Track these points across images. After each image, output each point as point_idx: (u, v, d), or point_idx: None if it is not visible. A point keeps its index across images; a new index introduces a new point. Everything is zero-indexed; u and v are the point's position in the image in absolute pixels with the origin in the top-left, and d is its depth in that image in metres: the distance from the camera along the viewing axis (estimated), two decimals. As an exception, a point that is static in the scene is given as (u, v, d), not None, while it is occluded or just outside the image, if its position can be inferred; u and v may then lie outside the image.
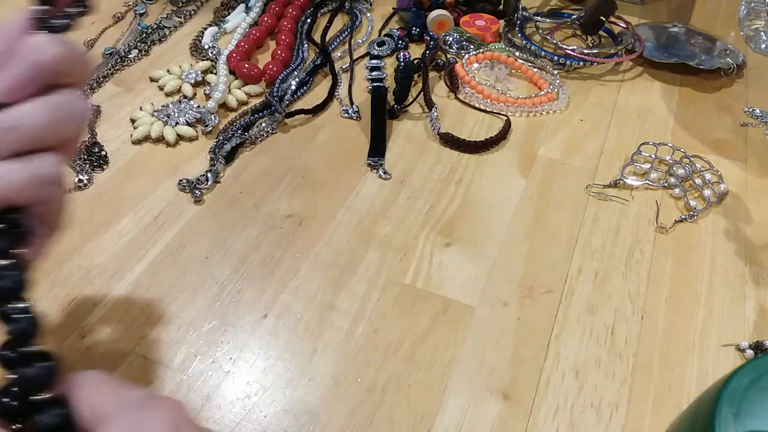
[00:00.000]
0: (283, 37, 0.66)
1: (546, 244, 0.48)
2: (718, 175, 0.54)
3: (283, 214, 0.50)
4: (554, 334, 0.43)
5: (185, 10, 0.72)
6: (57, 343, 0.40)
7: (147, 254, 0.46)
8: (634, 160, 0.55)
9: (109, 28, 0.68)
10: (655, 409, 0.39)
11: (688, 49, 0.67)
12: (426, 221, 0.50)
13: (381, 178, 0.53)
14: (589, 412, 0.39)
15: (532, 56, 0.66)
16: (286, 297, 0.44)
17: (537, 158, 0.56)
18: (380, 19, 0.72)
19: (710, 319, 0.44)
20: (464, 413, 0.38)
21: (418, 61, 0.63)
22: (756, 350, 0.42)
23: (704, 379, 0.40)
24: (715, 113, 0.61)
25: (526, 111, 0.60)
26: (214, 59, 0.64)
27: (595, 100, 0.62)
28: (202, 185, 0.51)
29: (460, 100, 0.61)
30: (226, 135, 0.56)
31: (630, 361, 0.41)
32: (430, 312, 0.44)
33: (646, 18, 0.73)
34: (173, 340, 0.41)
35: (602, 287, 0.46)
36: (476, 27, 0.69)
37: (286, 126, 0.58)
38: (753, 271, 0.47)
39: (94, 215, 0.49)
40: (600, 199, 0.52)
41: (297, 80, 0.61)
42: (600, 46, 0.69)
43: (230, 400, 0.38)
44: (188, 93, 0.60)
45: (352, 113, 0.59)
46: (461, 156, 0.56)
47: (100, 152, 0.54)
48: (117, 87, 0.61)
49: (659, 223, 0.50)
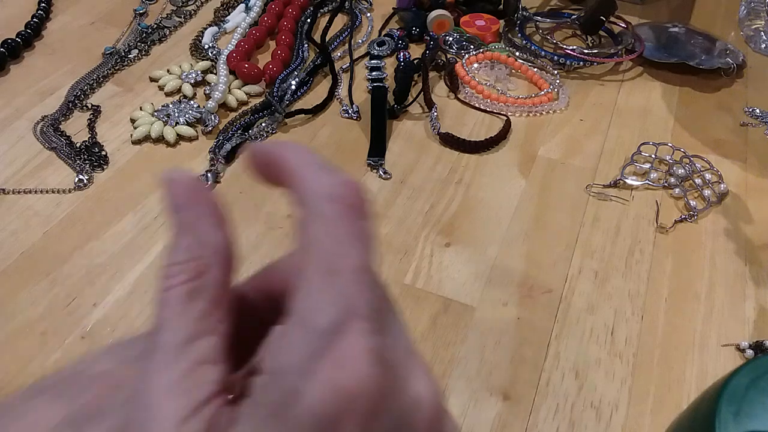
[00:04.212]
0: (283, 37, 0.66)
1: (546, 244, 0.48)
2: (718, 175, 0.54)
3: (283, 214, 0.50)
4: (554, 334, 0.43)
5: (185, 10, 0.72)
6: (57, 343, 0.41)
7: (147, 254, 0.46)
8: (634, 160, 0.55)
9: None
10: (655, 409, 0.39)
11: (688, 49, 0.67)
12: (426, 221, 0.50)
13: (381, 178, 0.53)
14: (589, 412, 0.39)
15: (532, 56, 0.66)
16: (286, 297, 0.44)
17: (537, 158, 0.56)
18: (380, 19, 0.72)
19: (710, 319, 0.44)
20: (464, 413, 0.38)
21: (418, 61, 0.63)
22: (756, 350, 0.42)
23: (704, 379, 0.40)
24: (715, 113, 0.61)
25: (526, 111, 0.60)
26: (214, 59, 0.64)
27: (595, 100, 0.62)
28: (202, 185, 0.51)
29: (460, 100, 0.61)
30: (226, 135, 0.56)
31: (630, 361, 0.41)
32: (430, 312, 0.44)
33: (646, 18, 0.73)
34: (173, 340, 0.41)
35: (602, 287, 0.46)
36: (476, 27, 0.69)
37: (286, 126, 0.58)
38: (753, 271, 0.47)
39: (94, 215, 0.49)
40: (600, 199, 0.52)
41: (297, 80, 0.61)
42: (600, 46, 0.69)
43: (230, 400, 0.38)
44: (188, 93, 0.60)
45: (352, 113, 0.59)
46: (461, 156, 0.55)
47: (100, 152, 0.54)
48: (117, 87, 0.61)
49: (659, 223, 0.50)
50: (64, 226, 0.48)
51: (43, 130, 0.56)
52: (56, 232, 0.48)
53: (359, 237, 0.17)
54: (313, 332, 0.16)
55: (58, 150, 0.54)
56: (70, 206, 0.50)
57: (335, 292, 0.16)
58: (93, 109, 0.58)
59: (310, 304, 0.16)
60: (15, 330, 0.41)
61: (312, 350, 0.16)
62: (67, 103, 0.58)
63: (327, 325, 0.16)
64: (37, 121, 0.56)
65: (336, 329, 0.16)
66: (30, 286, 0.44)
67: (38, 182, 0.51)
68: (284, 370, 0.16)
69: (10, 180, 0.51)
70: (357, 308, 0.16)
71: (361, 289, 0.16)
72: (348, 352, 0.16)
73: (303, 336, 0.16)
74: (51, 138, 0.55)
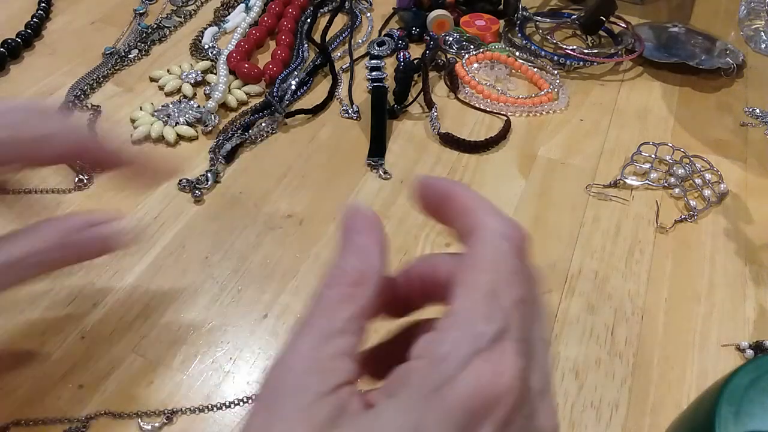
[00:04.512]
0: (283, 37, 0.66)
1: (546, 244, 0.48)
2: (718, 175, 0.54)
3: (283, 214, 0.50)
4: (554, 334, 0.43)
5: (185, 10, 0.72)
6: (57, 343, 0.41)
7: (147, 254, 0.46)
8: (634, 160, 0.55)
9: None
10: (655, 409, 0.39)
11: (688, 49, 0.67)
12: (426, 221, 0.50)
13: (381, 178, 0.53)
14: (589, 411, 0.39)
15: (532, 56, 0.66)
16: (286, 297, 0.44)
17: (537, 158, 0.56)
18: (380, 19, 0.72)
19: (710, 318, 0.44)
20: (464, 413, 0.38)
21: (418, 61, 0.63)
22: (756, 350, 0.42)
23: (704, 379, 0.40)
24: (715, 113, 0.61)
25: (526, 111, 0.60)
26: (214, 59, 0.64)
27: (595, 100, 0.62)
28: (202, 185, 0.51)
29: (460, 100, 0.61)
30: (226, 135, 0.56)
31: (630, 361, 0.41)
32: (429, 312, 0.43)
33: (646, 18, 0.73)
34: (173, 340, 0.41)
35: (602, 287, 0.46)
36: (476, 27, 0.69)
37: (286, 126, 0.58)
38: (753, 271, 0.47)
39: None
40: (600, 199, 0.52)
41: (297, 80, 0.61)
42: (600, 46, 0.69)
43: (230, 400, 0.38)
44: (188, 93, 0.60)
45: (352, 113, 0.59)
46: (461, 156, 0.56)
47: (100, 152, 0.54)
48: (117, 87, 0.61)
49: (659, 223, 0.50)
50: (64, 226, 0.48)
51: (43, 130, 0.55)
52: (56, 232, 0.48)
53: (525, 274, 0.20)
54: (475, 335, 0.18)
55: (58, 150, 0.54)
56: (70, 206, 0.50)
57: (497, 312, 0.19)
58: (93, 109, 0.58)
59: (475, 314, 0.19)
60: (15, 330, 0.41)
61: (473, 348, 0.18)
62: (67, 103, 0.58)
63: (488, 333, 0.18)
64: (37, 121, 0.56)
65: (495, 338, 0.18)
66: (30, 286, 0.44)
67: (38, 182, 0.51)
68: (444, 359, 0.18)
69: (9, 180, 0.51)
70: (511, 331, 0.19)
71: (517, 317, 0.19)
72: (502, 359, 0.18)
73: (465, 335, 0.18)
74: (51, 138, 0.55)
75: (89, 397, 0.38)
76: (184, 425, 0.37)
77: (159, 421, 0.37)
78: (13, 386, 0.38)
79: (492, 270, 0.20)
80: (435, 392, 0.17)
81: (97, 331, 0.41)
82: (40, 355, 0.40)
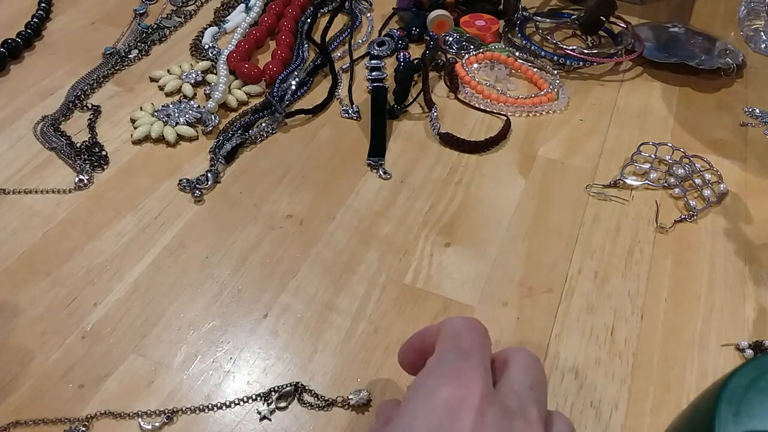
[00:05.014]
0: (283, 37, 0.66)
1: (546, 244, 0.48)
2: (717, 175, 0.54)
3: (283, 214, 0.50)
4: (554, 334, 0.43)
5: (185, 10, 0.72)
6: (57, 344, 0.41)
7: (147, 254, 0.46)
8: (633, 160, 0.55)
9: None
10: (654, 409, 0.39)
11: (688, 49, 0.67)
12: (426, 221, 0.50)
13: (381, 178, 0.53)
14: (589, 411, 0.39)
15: (532, 56, 0.66)
16: (286, 297, 0.44)
17: (537, 158, 0.56)
18: (380, 19, 0.72)
19: (710, 318, 0.44)
20: (464, 413, 0.38)
21: (418, 61, 0.63)
22: (756, 350, 0.42)
23: (704, 379, 0.41)
24: (715, 113, 0.61)
25: (526, 111, 0.60)
26: (214, 59, 0.64)
27: (595, 100, 0.62)
28: (202, 185, 0.51)
29: (460, 100, 0.61)
30: (226, 135, 0.56)
31: (630, 361, 0.41)
32: (430, 312, 0.44)
33: (646, 18, 0.73)
34: (173, 340, 0.41)
35: (602, 287, 0.46)
36: (476, 27, 0.69)
37: (286, 126, 0.58)
38: (753, 271, 0.47)
39: (94, 215, 0.49)
40: (600, 199, 0.52)
41: (297, 80, 0.61)
42: (600, 46, 0.69)
43: (230, 400, 0.38)
44: (188, 93, 0.60)
45: (352, 113, 0.59)
46: (461, 156, 0.56)
47: (100, 152, 0.54)
48: (117, 87, 0.61)
49: (659, 223, 0.50)
50: (65, 226, 0.48)
51: (44, 130, 0.56)
52: (56, 232, 0.48)
53: (540, 378, 0.30)
54: (520, 394, 0.28)
55: (58, 150, 0.54)
56: (71, 206, 0.50)
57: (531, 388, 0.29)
58: (93, 109, 0.58)
59: (522, 381, 0.29)
60: (15, 330, 0.41)
61: (524, 397, 0.28)
62: (67, 103, 0.58)
63: (524, 394, 0.28)
64: (38, 121, 0.57)
65: (528, 399, 0.28)
66: (30, 286, 0.44)
67: (38, 182, 0.51)
68: (518, 392, 0.28)
69: (10, 180, 0.51)
70: (534, 405, 0.28)
71: (536, 400, 0.29)
72: (533, 413, 0.28)
73: (517, 391, 0.28)
74: (51, 138, 0.55)
75: (89, 397, 0.38)
76: (185, 425, 0.37)
77: (159, 420, 0.37)
78: (13, 387, 0.38)
79: (524, 366, 0.30)
80: (517, 411, 0.27)
81: (97, 331, 0.41)
82: (40, 355, 0.40)
